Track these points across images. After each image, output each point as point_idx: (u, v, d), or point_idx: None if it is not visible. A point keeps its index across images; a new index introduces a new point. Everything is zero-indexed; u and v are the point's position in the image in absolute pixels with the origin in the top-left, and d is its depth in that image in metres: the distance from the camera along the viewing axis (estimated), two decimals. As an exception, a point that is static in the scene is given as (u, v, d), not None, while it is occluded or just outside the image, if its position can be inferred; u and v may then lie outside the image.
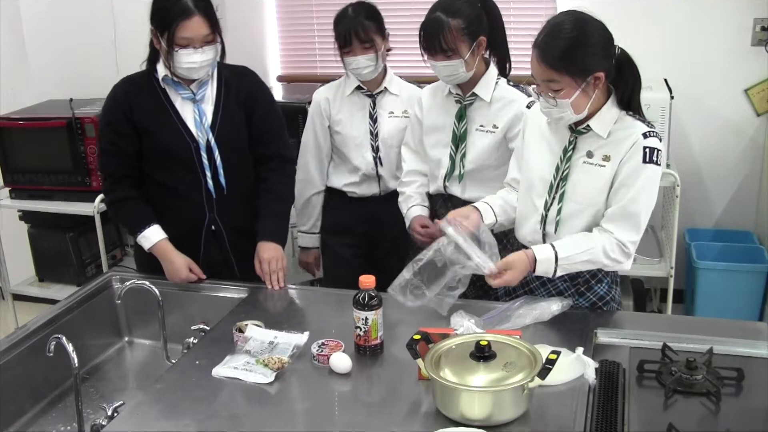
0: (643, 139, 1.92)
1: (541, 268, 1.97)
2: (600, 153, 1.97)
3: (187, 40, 2.22)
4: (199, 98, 2.35)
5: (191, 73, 2.28)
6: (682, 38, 3.53)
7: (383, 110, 2.74)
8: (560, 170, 2.02)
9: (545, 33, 1.90)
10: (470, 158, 2.43)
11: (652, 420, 1.58)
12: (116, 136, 2.33)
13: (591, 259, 1.96)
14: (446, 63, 2.32)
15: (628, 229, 1.94)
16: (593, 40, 1.89)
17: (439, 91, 2.51)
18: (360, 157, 2.77)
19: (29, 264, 3.60)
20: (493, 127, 2.41)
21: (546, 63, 1.88)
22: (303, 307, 2.26)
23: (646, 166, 1.91)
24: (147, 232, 2.33)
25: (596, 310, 2.07)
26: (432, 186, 2.56)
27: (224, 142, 2.37)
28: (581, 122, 1.98)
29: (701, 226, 3.70)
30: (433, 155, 2.51)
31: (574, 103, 1.90)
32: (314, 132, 2.84)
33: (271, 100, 2.53)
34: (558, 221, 2.03)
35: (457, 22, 2.28)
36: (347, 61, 2.63)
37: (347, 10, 2.63)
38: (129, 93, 2.34)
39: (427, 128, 2.52)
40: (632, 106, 1.98)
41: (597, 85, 1.90)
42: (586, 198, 1.99)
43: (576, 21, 1.89)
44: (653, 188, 1.95)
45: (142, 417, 1.69)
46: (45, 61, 3.57)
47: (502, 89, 2.42)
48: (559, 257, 1.96)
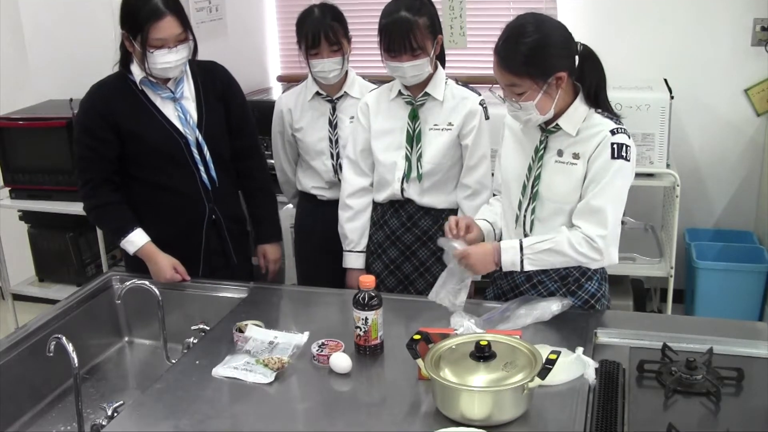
0: (611, 135, 1.92)
1: (506, 256, 1.97)
2: (570, 151, 1.98)
3: (161, 41, 2.23)
4: (179, 96, 2.36)
5: (167, 72, 2.29)
6: (682, 38, 3.52)
7: (344, 115, 2.70)
8: (532, 170, 2.03)
9: (504, 38, 1.91)
10: (427, 158, 2.42)
11: (652, 420, 1.58)
12: (96, 142, 2.32)
13: (554, 247, 1.95)
14: (413, 63, 2.31)
15: (595, 224, 1.93)
16: (552, 42, 1.89)
17: (383, 96, 2.50)
18: (321, 164, 2.74)
19: (29, 264, 3.60)
20: (448, 125, 2.41)
21: (507, 69, 1.89)
22: (303, 307, 2.26)
23: (614, 161, 1.91)
24: (131, 237, 2.34)
25: (588, 308, 2.07)
26: (384, 193, 2.51)
27: (211, 136, 2.41)
28: (551, 121, 1.98)
29: (701, 226, 3.70)
30: (385, 159, 2.48)
31: (538, 104, 1.90)
32: (282, 140, 2.83)
33: (242, 91, 2.58)
34: (533, 221, 2.04)
35: (423, 20, 2.30)
36: (313, 63, 2.59)
37: (313, 10, 2.58)
38: (107, 98, 2.34)
39: (376, 133, 2.50)
40: (599, 101, 1.98)
41: (559, 86, 1.90)
42: (559, 197, 1.99)
43: (534, 24, 1.89)
44: (621, 182, 1.94)
45: (142, 417, 1.69)
46: (45, 61, 3.57)
47: (453, 88, 2.44)
48: (524, 245, 1.97)
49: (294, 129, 2.77)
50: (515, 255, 1.97)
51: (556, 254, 1.96)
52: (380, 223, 2.55)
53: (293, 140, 2.81)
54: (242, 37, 3.94)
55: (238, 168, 2.55)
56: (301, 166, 2.85)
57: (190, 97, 2.41)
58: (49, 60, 3.56)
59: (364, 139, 2.53)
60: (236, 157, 2.53)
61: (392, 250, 2.52)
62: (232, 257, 2.53)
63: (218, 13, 3.67)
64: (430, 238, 2.48)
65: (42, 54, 3.57)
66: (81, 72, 3.42)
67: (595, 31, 3.61)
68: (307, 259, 2.92)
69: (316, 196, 2.81)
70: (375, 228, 2.57)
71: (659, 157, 3.09)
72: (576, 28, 3.77)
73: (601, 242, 1.93)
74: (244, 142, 2.55)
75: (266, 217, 2.64)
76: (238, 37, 3.86)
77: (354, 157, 2.56)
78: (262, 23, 4.19)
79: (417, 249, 2.49)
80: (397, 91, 2.44)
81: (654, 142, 3.07)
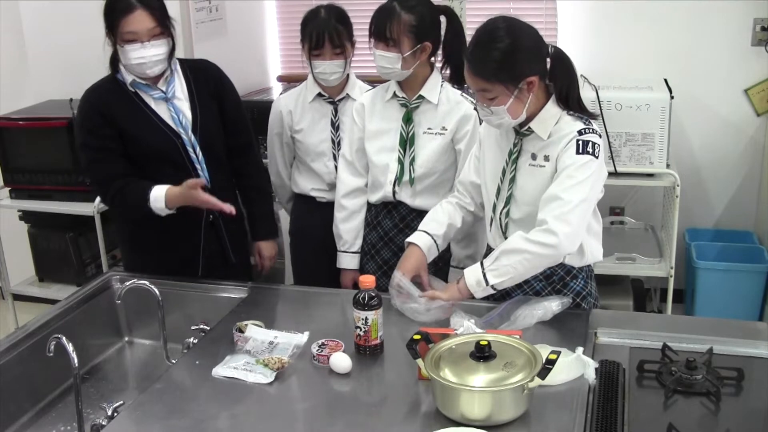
0: (579, 135, 1.92)
1: (470, 278, 1.98)
2: (542, 154, 1.98)
3: (132, 35, 2.22)
4: (170, 96, 2.36)
5: (143, 68, 2.27)
6: (683, 38, 3.53)
7: (346, 117, 2.69)
8: (506, 173, 2.03)
9: (474, 43, 1.91)
10: (420, 162, 2.42)
11: (652, 420, 1.58)
12: (102, 141, 2.31)
13: (506, 247, 1.95)
14: (385, 53, 2.32)
15: (549, 210, 1.90)
16: (523, 47, 1.88)
17: (378, 97, 2.50)
18: (323, 166, 2.73)
19: (29, 264, 3.60)
20: (441, 129, 2.41)
21: (477, 74, 1.89)
22: (303, 307, 2.26)
23: (579, 156, 1.90)
24: (152, 196, 2.26)
25: (574, 307, 2.06)
26: (376, 195, 2.51)
27: (207, 135, 2.40)
28: (524, 124, 1.98)
29: (701, 226, 3.70)
30: (379, 161, 2.48)
31: (509, 109, 1.90)
32: (280, 142, 2.81)
33: (235, 89, 2.57)
34: (507, 223, 2.05)
35: (408, 17, 2.30)
36: (315, 64, 2.58)
37: (319, 11, 2.58)
38: (103, 99, 2.33)
39: (370, 134, 2.50)
40: (570, 103, 1.98)
41: (531, 90, 1.90)
42: (533, 200, 1.99)
43: (505, 29, 1.89)
44: (583, 175, 1.90)
45: (142, 417, 1.69)
46: (45, 61, 3.57)
47: (448, 92, 2.43)
48: (483, 262, 1.97)
49: (294, 131, 2.76)
50: (477, 271, 1.97)
51: (510, 253, 1.94)
52: (374, 224, 2.55)
53: (291, 142, 2.80)
54: (242, 37, 3.93)
55: (233, 165, 2.55)
56: (297, 168, 2.84)
57: (183, 97, 2.40)
58: (49, 60, 3.56)
59: (359, 139, 2.53)
60: (231, 155, 2.53)
61: (385, 251, 2.52)
62: (230, 257, 2.53)
63: (218, 13, 3.67)
64: None
65: (42, 54, 3.57)
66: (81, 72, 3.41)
67: (595, 31, 3.62)
68: (304, 261, 2.91)
69: (315, 198, 2.79)
70: (369, 229, 2.58)
71: (659, 157, 3.09)
72: (576, 28, 3.81)
73: (554, 223, 1.88)
74: (239, 139, 2.55)
75: (262, 215, 2.64)
76: (238, 37, 3.86)
77: (350, 157, 2.56)
78: (262, 23, 4.19)
79: None
80: (393, 93, 2.44)
81: (654, 142, 3.07)
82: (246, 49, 4.00)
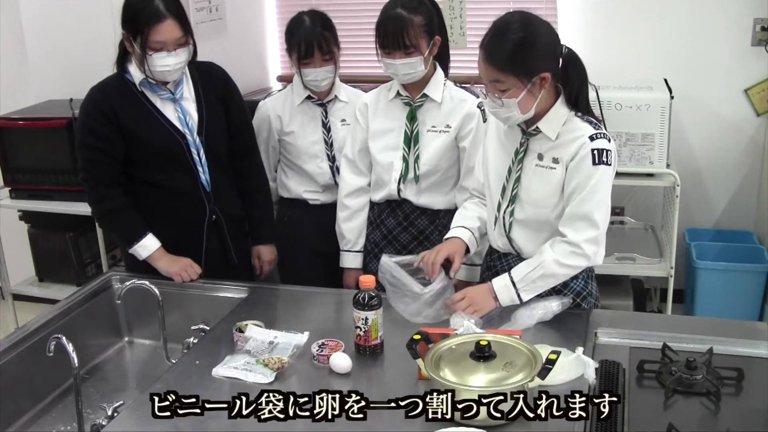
0: (590, 141, 1.92)
1: (503, 295, 1.99)
2: (549, 155, 1.98)
3: (161, 44, 2.23)
4: (178, 97, 2.37)
5: (165, 76, 2.29)
6: (683, 38, 3.52)
7: (335, 118, 2.70)
8: (512, 172, 2.03)
9: (491, 34, 1.90)
10: (424, 159, 2.43)
11: (652, 420, 1.58)
12: (102, 142, 2.31)
13: (546, 272, 1.97)
14: (406, 60, 2.31)
15: (582, 229, 1.93)
16: (539, 41, 1.89)
17: (382, 96, 2.50)
18: (315, 168, 2.72)
19: (29, 264, 3.60)
20: (446, 126, 2.41)
21: (492, 64, 1.88)
22: (303, 307, 2.26)
23: (597, 167, 1.91)
24: (144, 242, 2.33)
25: (574, 307, 2.06)
26: (380, 193, 2.52)
27: (212, 137, 2.41)
28: (531, 123, 1.98)
29: (701, 226, 3.70)
30: (382, 159, 2.48)
31: (520, 103, 1.90)
32: (266, 146, 2.78)
33: (239, 92, 2.59)
34: (511, 223, 2.05)
35: (419, 18, 2.30)
36: (305, 72, 2.58)
37: (303, 19, 2.57)
38: (109, 98, 2.32)
39: (374, 133, 2.50)
40: (580, 105, 1.98)
41: (543, 86, 1.90)
42: (539, 201, 2.00)
43: (522, 22, 1.89)
44: (604, 187, 1.94)
45: (142, 417, 1.68)
46: (45, 61, 3.57)
47: (451, 89, 2.44)
48: (515, 280, 1.99)
49: (284, 133, 2.74)
50: (510, 292, 1.99)
51: (548, 278, 1.98)
52: (377, 222, 2.55)
53: (278, 145, 2.78)
54: (242, 37, 3.93)
55: (235, 168, 2.55)
56: (285, 173, 2.81)
57: (190, 98, 2.41)
58: (49, 60, 3.56)
59: (362, 139, 2.53)
60: (234, 158, 2.53)
61: (389, 249, 2.52)
62: (232, 257, 2.53)
63: (218, 13, 3.67)
64: (427, 238, 2.48)
65: (42, 54, 3.57)
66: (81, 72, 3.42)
67: (595, 31, 3.62)
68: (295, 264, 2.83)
69: (308, 200, 2.78)
70: (372, 228, 2.58)
71: (659, 157, 3.09)
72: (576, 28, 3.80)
73: (587, 247, 1.93)
74: (242, 142, 2.56)
75: (262, 219, 2.64)
76: (238, 37, 3.86)
77: (352, 156, 2.56)
78: (262, 23, 4.19)
79: (413, 249, 2.48)
80: (396, 92, 2.45)
81: (654, 142, 3.07)
82: (246, 49, 4.00)
